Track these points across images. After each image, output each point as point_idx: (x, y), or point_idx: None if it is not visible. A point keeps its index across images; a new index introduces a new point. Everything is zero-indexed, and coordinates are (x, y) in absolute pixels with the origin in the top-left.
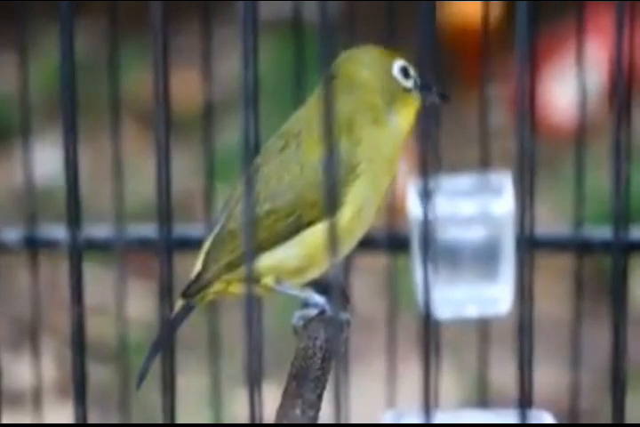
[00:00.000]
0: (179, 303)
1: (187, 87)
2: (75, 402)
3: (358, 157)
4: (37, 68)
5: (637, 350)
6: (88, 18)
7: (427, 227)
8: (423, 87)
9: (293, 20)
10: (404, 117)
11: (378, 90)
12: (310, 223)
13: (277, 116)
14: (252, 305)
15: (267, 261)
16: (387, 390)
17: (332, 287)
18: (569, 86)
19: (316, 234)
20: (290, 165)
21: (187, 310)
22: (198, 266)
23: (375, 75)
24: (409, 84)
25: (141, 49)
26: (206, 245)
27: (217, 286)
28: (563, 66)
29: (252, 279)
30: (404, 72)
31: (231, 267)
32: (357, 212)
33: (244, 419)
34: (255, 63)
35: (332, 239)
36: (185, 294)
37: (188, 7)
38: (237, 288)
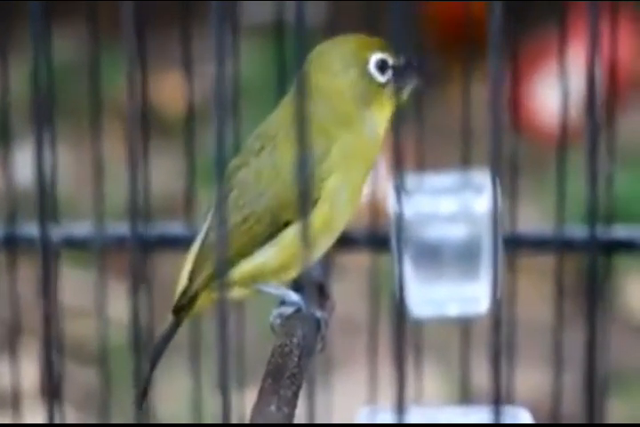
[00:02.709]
0: (169, 319)
1: (171, 90)
2: (47, 401)
3: (331, 155)
4: (21, 71)
5: (633, 352)
6: (70, 21)
7: (399, 224)
8: (402, 71)
9: (276, 23)
10: (381, 113)
11: (350, 89)
12: (287, 224)
13: (261, 119)
14: (226, 313)
15: (247, 265)
16: (368, 390)
17: (306, 285)
18: (554, 90)
19: (293, 234)
20: (265, 169)
21: (176, 325)
22: (184, 280)
23: (347, 73)
24: (386, 77)
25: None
26: (190, 259)
27: (204, 298)
28: (548, 70)
29: (227, 285)
30: (382, 65)
31: (215, 277)
32: (332, 209)
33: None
34: (237, 65)
35: (306, 238)
36: (175, 311)
37: (170, 9)
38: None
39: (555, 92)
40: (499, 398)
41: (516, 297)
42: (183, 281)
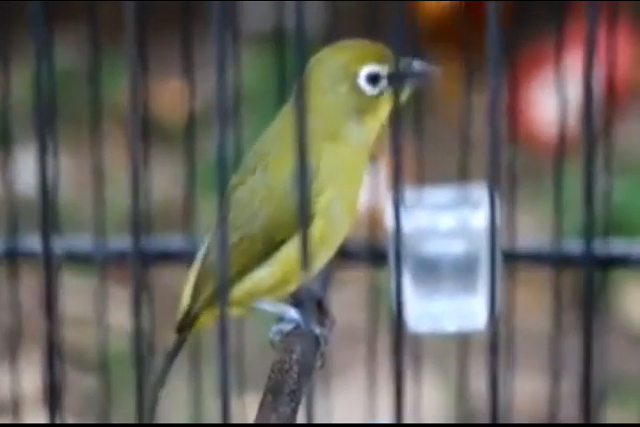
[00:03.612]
0: (174, 338)
1: (172, 97)
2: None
3: (320, 172)
4: (22, 76)
5: (631, 361)
6: (71, 27)
7: (397, 239)
8: (400, 76)
9: (276, 31)
10: (372, 124)
11: (340, 106)
12: (282, 242)
13: (262, 126)
14: (226, 332)
15: (244, 284)
16: (367, 403)
17: (305, 302)
18: (552, 99)
19: (289, 251)
20: (259, 188)
21: (180, 343)
22: (186, 299)
23: (335, 91)
24: (377, 89)
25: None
26: (192, 278)
27: (206, 316)
28: (545, 79)
29: (229, 303)
30: (373, 78)
31: (216, 296)
32: (328, 224)
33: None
34: (238, 73)
35: (305, 256)
36: (178, 330)
37: (171, 16)
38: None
39: (553, 100)
40: (496, 417)
41: (515, 307)
42: (185, 299)
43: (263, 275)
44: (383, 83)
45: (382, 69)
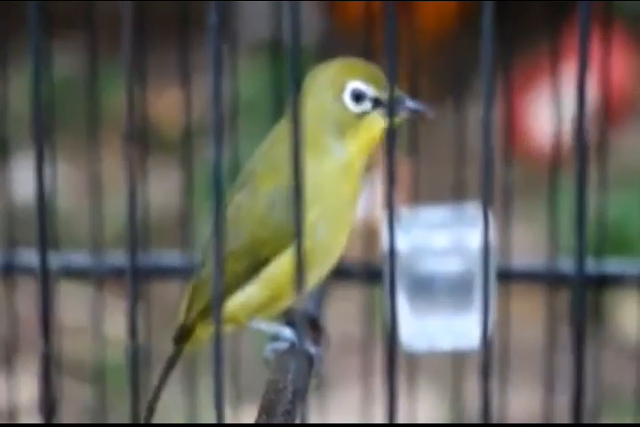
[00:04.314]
0: (172, 348)
1: (171, 106)
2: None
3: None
4: (20, 85)
5: (629, 379)
6: (69, 36)
7: (391, 258)
8: (389, 104)
9: (273, 41)
10: (354, 143)
11: (320, 116)
12: (267, 259)
13: (260, 137)
14: (220, 348)
15: (233, 302)
16: (362, 417)
17: (298, 322)
18: (548, 112)
19: (274, 269)
20: (243, 206)
21: (177, 355)
22: (182, 313)
23: (318, 100)
24: (361, 108)
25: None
26: (188, 291)
27: (201, 330)
28: (542, 92)
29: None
30: (358, 95)
31: (207, 312)
32: (313, 244)
33: None
34: (235, 83)
35: (299, 274)
36: (176, 341)
37: (169, 26)
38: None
39: (549, 113)
40: None
41: (510, 324)
42: (182, 314)
43: (251, 292)
44: (367, 104)
45: (368, 89)
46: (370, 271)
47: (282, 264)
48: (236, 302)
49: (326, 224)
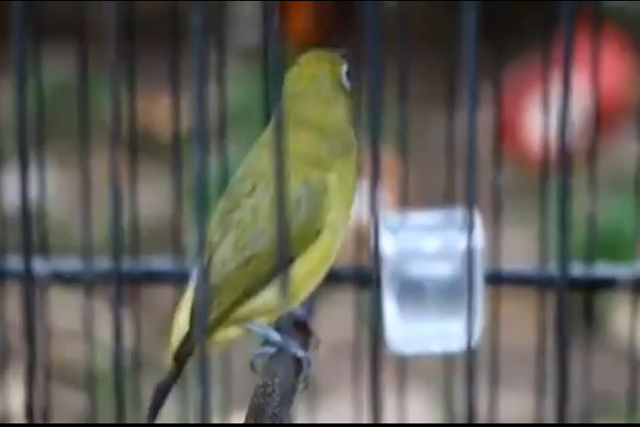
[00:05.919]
0: (171, 364)
1: (162, 113)
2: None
3: (330, 187)
4: (11, 92)
5: (621, 382)
6: (59, 43)
7: (377, 261)
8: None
9: (261, 46)
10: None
11: (344, 116)
12: (290, 260)
13: (249, 142)
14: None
15: (249, 306)
16: (353, 419)
17: (285, 325)
18: (539, 118)
19: (295, 271)
20: (262, 207)
21: (178, 371)
22: (184, 327)
23: (338, 102)
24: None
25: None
26: (187, 304)
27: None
28: (534, 99)
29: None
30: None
31: (221, 321)
32: (332, 241)
33: None
34: (223, 88)
35: (284, 280)
36: (177, 358)
37: (160, 33)
38: (220, 337)
39: (539, 119)
40: None
41: (500, 327)
42: (179, 327)
43: (269, 296)
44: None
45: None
46: (361, 275)
47: (307, 262)
48: (251, 307)
49: (340, 222)
